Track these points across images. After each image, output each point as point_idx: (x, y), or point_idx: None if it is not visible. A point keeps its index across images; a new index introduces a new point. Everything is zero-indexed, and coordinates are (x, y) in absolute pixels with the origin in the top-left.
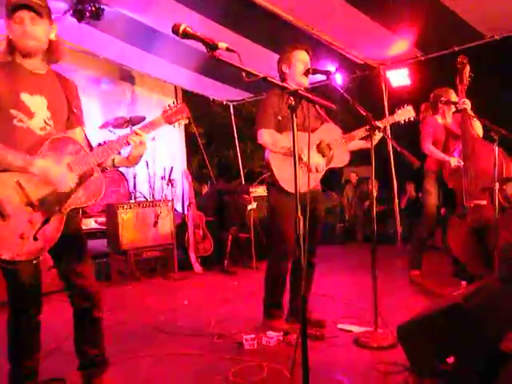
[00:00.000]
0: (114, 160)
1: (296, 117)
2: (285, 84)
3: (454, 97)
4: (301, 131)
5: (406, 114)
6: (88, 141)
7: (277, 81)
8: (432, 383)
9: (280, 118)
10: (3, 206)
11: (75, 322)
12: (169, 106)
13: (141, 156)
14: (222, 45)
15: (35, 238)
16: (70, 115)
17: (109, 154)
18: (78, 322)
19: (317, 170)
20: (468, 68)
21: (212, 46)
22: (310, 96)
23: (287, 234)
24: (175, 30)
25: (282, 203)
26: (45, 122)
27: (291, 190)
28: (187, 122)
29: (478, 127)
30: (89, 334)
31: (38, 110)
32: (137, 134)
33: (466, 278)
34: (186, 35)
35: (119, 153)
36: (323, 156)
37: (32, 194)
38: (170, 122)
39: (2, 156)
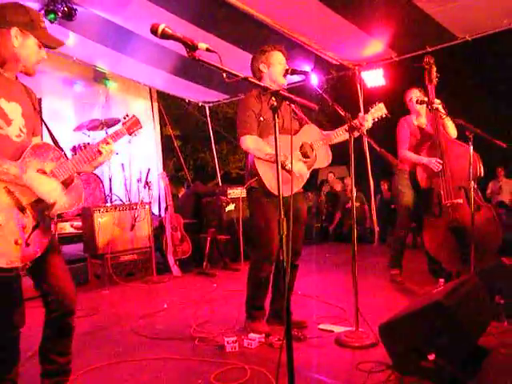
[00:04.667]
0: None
1: (278, 118)
2: (266, 85)
3: (420, 96)
4: (281, 134)
5: (378, 111)
6: (59, 147)
7: (258, 81)
8: (414, 380)
9: (262, 119)
10: None
11: (48, 329)
12: (126, 116)
13: (104, 162)
14: (202, 45)
15: (27, 244)
16: (36, 124)
17: (85, 161)
18: (51, 331)
19: (301, 177)
20: (435, 68)
21: (192, 47)
22: (292, 96)
23: (271, 236)
24: (154, 30)
25: (267, 205)
26: (20, 130)
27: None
28: (139, 133)
29: (451, 126)
30: (61, 342)
31: (14, 117)
32: (107, 143)
33: (442, 276)
34: (164, 35)
35: None
36: (307, 157)
37: (22, 199)
38: (130, 133)
39: None
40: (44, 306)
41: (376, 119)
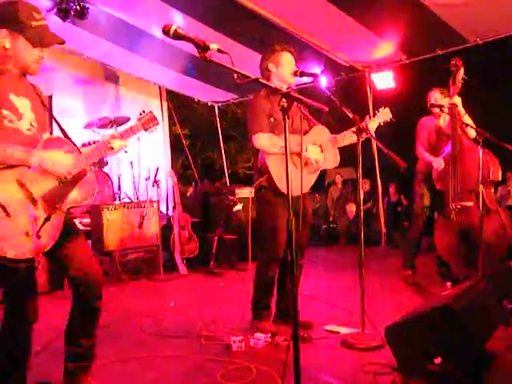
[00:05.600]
0: None
1: (288, 118)
2: (275, 84)
3: (439, 98)
4: (291, 133)
5: (383, 116)
6: (73, 143)
7: (269, 82)
8: None
9: (272, 119)
10: (7, 203)
11: (75, 312)
12: (140, 113)
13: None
14: (214, 46)
15: (38, 236)
16: (45, 120)
17: (98, 156)
18: (78, 314)
19: (316, 164)
20: (462, 70)
21: (203, 48)
22: (302, 98)
23: (280, 236)
24: (166, 31)
25: (276, 206)
26: (30, 124)
27: (292, 192)
28: (156, 129)
29: (470, 129)
30: (87, 325)
31: (25, 111)
32: (120, 138)
33: (450, 279)
34: (176, 36)
35: None
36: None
37: (34, 191)
38: (146, 129)
39: (1, 148)
40: (72, 290)
41: (381, 123)
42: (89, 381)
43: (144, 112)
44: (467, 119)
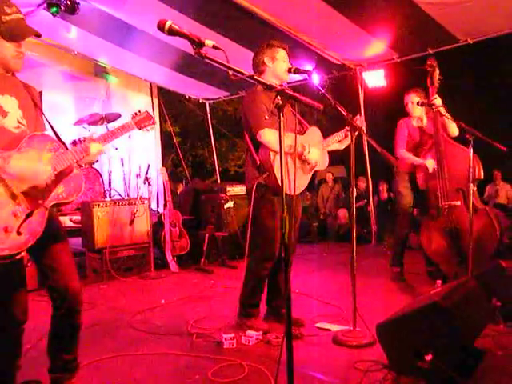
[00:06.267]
0: None
1: (283, 116)
2: (269, 80)
3: (416, 100)
4: (287, 132)
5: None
6: (61, 140)
7: (264, 80)
8: (410, 380)
9: (267, 116)
10: None
11: (54, 326)
12: (137, 112)
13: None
14: (209, 42)
15: (19, 232)
16: (39, 118)
17: (87, 153)
18: (56, 327)
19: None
20: (438, 71)
21: (198, 44)
22: (297, 96)
23: (277, 235)
24: (161, 27)
25: (274, 205)
26: (18, 122)
27: (290, 191)
28: (153, 128)
29: (453, 127)
30: (67, 340)
31: (10, 109)
32: (101, 141)
33: (440, 278)
34: (171, 32)
35: None
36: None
37: (13, 187)
38: (140, 128)
39: None
40: (51, 301)
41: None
42: None
43: (140, 112)
44: (450, 122)
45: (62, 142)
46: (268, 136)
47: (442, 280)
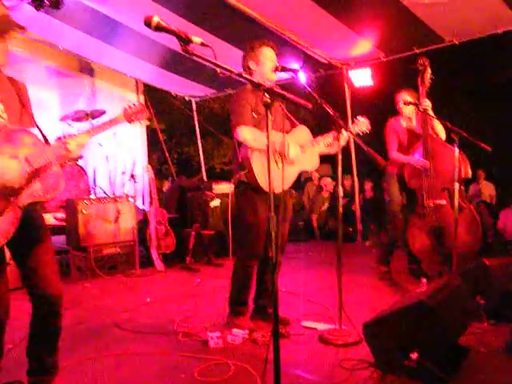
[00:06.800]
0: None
1: (271, 114)
2: (260, 81)
3: (409, 98)
4: (274, 131)
5: (361, 126)
6: (44, 136)
7: (251, 78)
8: (396, 379)
9: (255, 115)
10: None
11: (33, 327)
12: (128, 105)
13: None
14: (196, 39)
15: None
16: (23, 113)
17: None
18: (36, 329)
19: (293, 162)
20: (429, 70)
21: (186, 40)
22: (285, 94)
23: (261, 233)
24: (147, 23)
25: (256, 202)
26: None
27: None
28: (148, 122)
29: (439, 128)
30: (47, 342)
31: None
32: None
33: (421, 276)
34: (158, 28)
35: None
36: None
37: None
38: (130, 121)
39: None
40: (31, 304)
41: (360, 132)
42: None
43: (134, 105)
44: (438, 124)
45: (46, 139)
46: (244, 133)
47: (427, 278)
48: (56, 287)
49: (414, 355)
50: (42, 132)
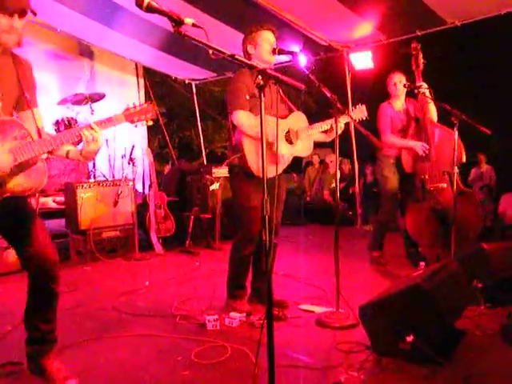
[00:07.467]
0: (68, 152)
1: (264, 96)
2: (253, 63)
3: (403, 80)
4: (268, 115)
5: (359, 113)
6: (37, 126)
7: (245, 59)
8: (392, 361)
9: (248, 97)
10: None
11: (30, 295)
12: (133, 104)
13: (95, 152)
14: (188, 20)
15: None
16: (21, 97)
17: (57, 145)
18: (33, 296)
19: (283, 159)
20: (421, 54)
21: (178, 22)
22: (279, 75)
23: (254, 215)
24: (139, 4)
25: (249, 186)
26: None
27: (259, 174)
28: (151, 123)
29: (433, 111)
30: (44, 308)
31: None
32: (91, 128)
33: (421, 259)
34: (150, 9)
35: (75, 144)
36: (291, 143)
37: None
38: (132, 121)
39: None
40: (27, 272)
41: (357, 120)
42: (50, 364)
43: (138, 104)
44: (432, 106)
45: (38, 130)
46: (240, 118)
47: (425, 262)
48: (52, 251)
49: (410, 338)
50: (34, 118)
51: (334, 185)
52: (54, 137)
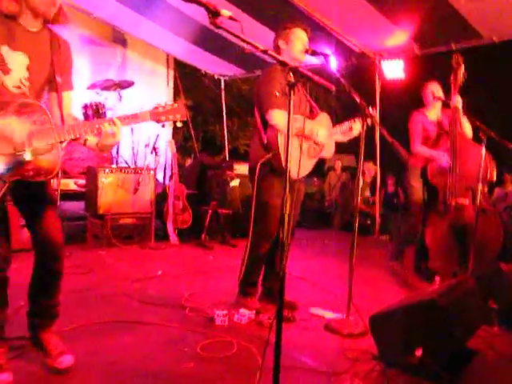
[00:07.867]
0: (86, 141)
1: (294, 94)
2: (285, 59)
3: (439, 89)
4: (296, 114)
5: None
6: (61, 111)
7: (278, 55)
8: (398, 373)
9: (277, 94)
10: None
11: (35, 270)
12: (164, 103)
13: (111, 146)
14: (225, 12)
15: None
16: (52, 80)
17: (76, 135)
18: (37, 272)
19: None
20: (463, 68)
21: (214, 13)
22: (310, 74)
23: (276, 215)
24: None
25: (277, 185)
26: (20, 82)
27: (294, 174)
28: (181, 124)
29: (467, 127)
30: (47, 285)
31: (15, 67)
32: (113, 122)
33: (434, 274)
34: None
35: (95, 135)
36: (316, 144)
37: None
38: (158, 121)
39: None
40: (34, 250)
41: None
42: (48, 337)
43: (167, 104)
44: (466, 121)
45: (62, 115)
46: (277, 117)
47: (441, 277)
48: (59, 235)
49: (418, 352)
50: (61, 103)
51: (368, 193)
52: (74, 127)
